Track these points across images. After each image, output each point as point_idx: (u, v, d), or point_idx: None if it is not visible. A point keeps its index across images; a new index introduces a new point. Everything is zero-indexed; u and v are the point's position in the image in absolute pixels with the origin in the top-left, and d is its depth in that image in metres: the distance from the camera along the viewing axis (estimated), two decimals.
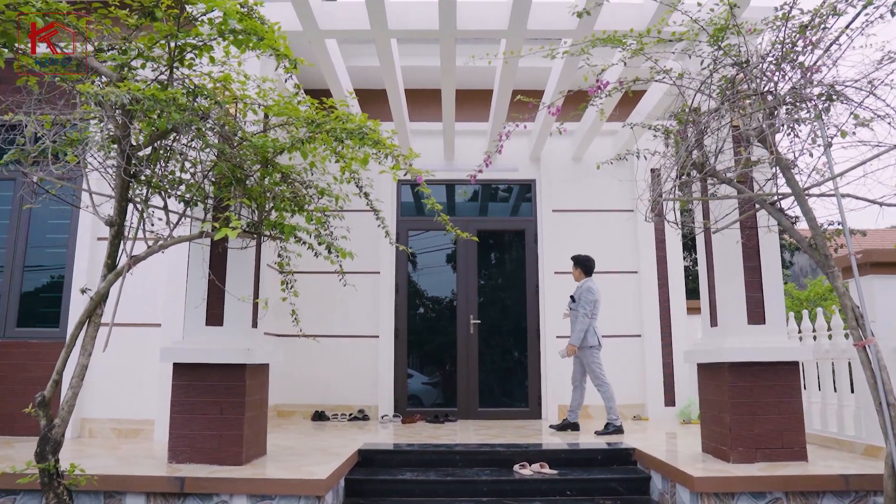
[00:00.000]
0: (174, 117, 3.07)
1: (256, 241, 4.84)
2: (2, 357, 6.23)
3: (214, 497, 3.96)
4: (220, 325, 4.76)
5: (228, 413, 4.50)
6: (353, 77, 7.57)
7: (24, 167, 3.56)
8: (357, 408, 7.69)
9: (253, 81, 4.11)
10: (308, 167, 4.24)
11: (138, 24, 3.36)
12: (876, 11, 3.17)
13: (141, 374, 5.96)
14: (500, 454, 5.14)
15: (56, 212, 6.44)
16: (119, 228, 3.68)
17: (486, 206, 8.41)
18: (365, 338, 7.89)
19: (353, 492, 4.72)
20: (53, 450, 3.33)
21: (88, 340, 3.54)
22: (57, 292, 6.48)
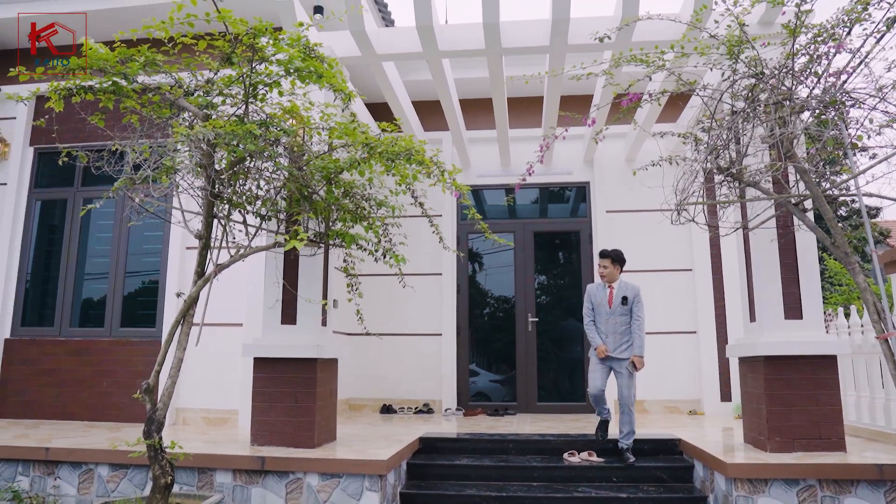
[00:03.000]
0: (250, 147, 3.61)
1: (324, 248, 5.38)
2: (108, 354, 7.05)
3: (290, 475, 4.51)
4: (294, 324, 5.33)
5: (302, 402, 5.05)
6: (412, 90, 8.05)
7: (130, 191, 4.20)
8: (422, 402, 8.18)
9: (316, 107, 4.63)
10: (367, 182, 4.73)
11: (218, 69, 3.93)
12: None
13: (226, 368, 6.61)
14: (551, 443, 5.50)
15: (151, 225, 7.21)
16: (206, 241, 4.27)
17: (543, 209, 8.73)
18: (429, 336, 8.37)
19: (415, 475, 5.19)
20: (157, 429, 3.93)
21: (183, 337, 4.13)
22: (152, 296, 7.25)
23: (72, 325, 7.32)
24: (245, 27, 3.79)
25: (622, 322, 5.28)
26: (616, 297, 5.34)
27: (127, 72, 3.65)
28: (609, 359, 5.27)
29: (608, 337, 5.28)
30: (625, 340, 5.26)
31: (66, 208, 7.57)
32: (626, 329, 5.28)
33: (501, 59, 5.68)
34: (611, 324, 5.30)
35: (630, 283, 5.38)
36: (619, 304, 5.31)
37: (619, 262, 5.42)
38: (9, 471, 4.89)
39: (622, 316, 5.29)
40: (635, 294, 5.32)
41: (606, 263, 5.40)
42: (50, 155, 7.64)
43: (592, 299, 5.43)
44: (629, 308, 5.29)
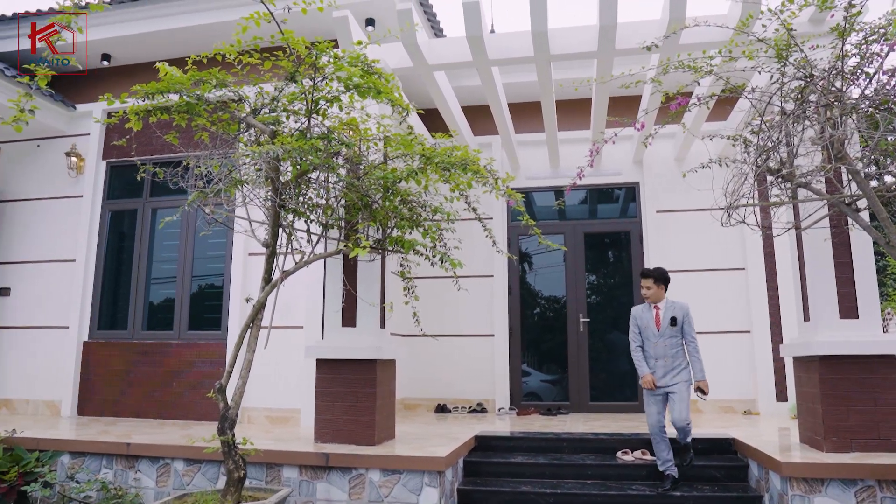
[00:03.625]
0: (314, 161, 3.83)
1: (382, 254, 5.59)
2: (178, 355, 7.44)
3: (353, 470, 4.73)
4: (354, 327, 5.56)
5: (362, 401, 5.27)
6: (461, 96, 8.21)
7: (201, 203, 4.48)
8: (476, 401, 8.34)
9: (373, 119, 4.84)
10: (422, 190, 4.91)
11: (283, 88, 4.18)
12: None
13: (288, 369, 6.89)
14: (604, 442, 5.59)
15: (215, 232, 7.57)
16: (273, 248, 4.53)
17: (593, 209, 8.78)
18: (481, 337, 8.53)
19: (471, 472, 5.36)
20: (230, 426, 4.20)
21: (252, 340, 4.39)
22: (217, 300, 7.61)
23: (143, 329, 7.75)
24: (306, 45, 4.02)
25: (672, 344, 4.91)
26: (664, 318, 4.95)
27: (200, 93, 3.92)
28: (662, 387, 4.92)
29: (658, 361, 4.92)
30: (677, 364, 4.89)
31: (135, 218, 8.01)
32: (678, 352, 4.92)
33: (550, 66, 5.80)
34: (660, 347, 4.93)
35: (678, 302, 5.01)
36: (668, 325, 4.91)
37: (662, 281, 5.02)
38: (95, 464, 5.26)
39: (672, 338, 4.91)
40: (685, 313, 4.94)
41: (649, 284, 5.01)
42: (120, 168, 8.09)
43: (639, 322, 5.06)
44: (679, 329, 4.90)
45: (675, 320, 4.92)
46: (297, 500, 4.80)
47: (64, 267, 7.98)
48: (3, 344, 8.01)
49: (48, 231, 8.15)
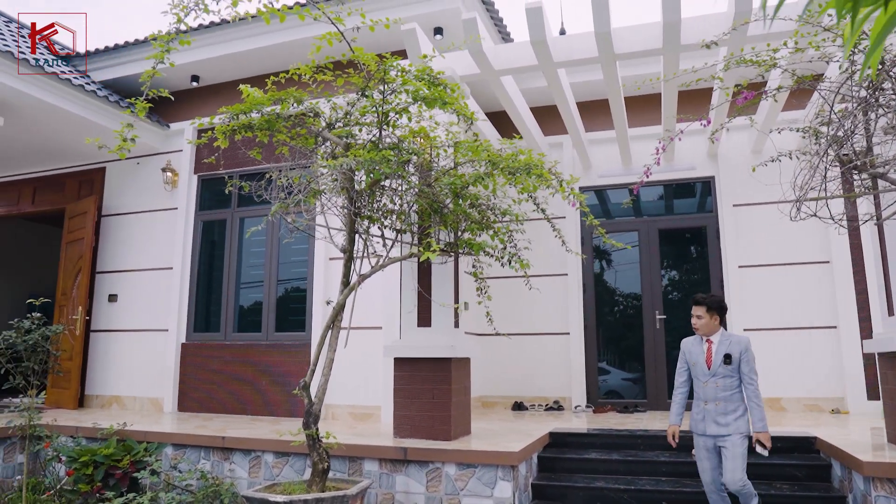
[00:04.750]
0: (385, 170, 4.06)
1: (454, 256, 5.79)
2: (265, 356, 7.90)
3: (430, 464, 4.94)
4: (429, 326, 5.77)
5: (438, 398, 5.48)
6: (530, 97, 8.30)
7: (283, 213, 4.81)
8: (552, 399, 8.41)
9: (442, 127, 5.04)
10: (491, 194, 5.06)
11: (355, 102, 4.44)
12: None
13: (369, 368, 7.19)
14: (680, 439, 5.55)
15: (298, 239, 7.97)
16: (350, 253, 4.80)
17: (667, 205, 8.67)
18: (557, 335, 8.58)
19: (545, 467, 5.47)
20: (314, 421, 4.49)
21: (333, 340, 4.67)
22: (301, 303, 8.02)
23: (234, 331, 8.26)
24: (376, 61, 4.26)
25: (725, 386, 4.14)
26: (716, 353, 4.20)
27: (279, 111, 4.23)
28: (712, 437, 4.18)
29: (708, 405, 4.20)
30: (731, 410, 4.11)
31: (225, 227, 8.55)
32: (733, 395, 4.13)
33: (615, 65, 5.82)
34: (710, 388, 4.19)
35: (736, 336, 4.26)
36: (721, 362, 4.16)
37: (717, 310, 4.26)
38: (195, 455, 5.70)
39: (725, 378, 4.15)
40: (742, 349, 4.14)
41: (700, 312, 4.27)
42: (210, 181, 8.65)
43: (688, 358, 4.39)
44: (735, 368, 4.14)
45: (729, 357, 4.14)
46: (378, 492, 5.06)
47: (163, 274, 8.61)
48: (113, 346, 8.72)
49: (148, 242, 8.81)
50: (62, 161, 9.40)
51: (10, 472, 6.22)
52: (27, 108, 7.43)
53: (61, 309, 8.94)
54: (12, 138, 8.11)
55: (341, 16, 4.17)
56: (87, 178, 9.37)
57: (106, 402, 8.59)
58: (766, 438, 4.04)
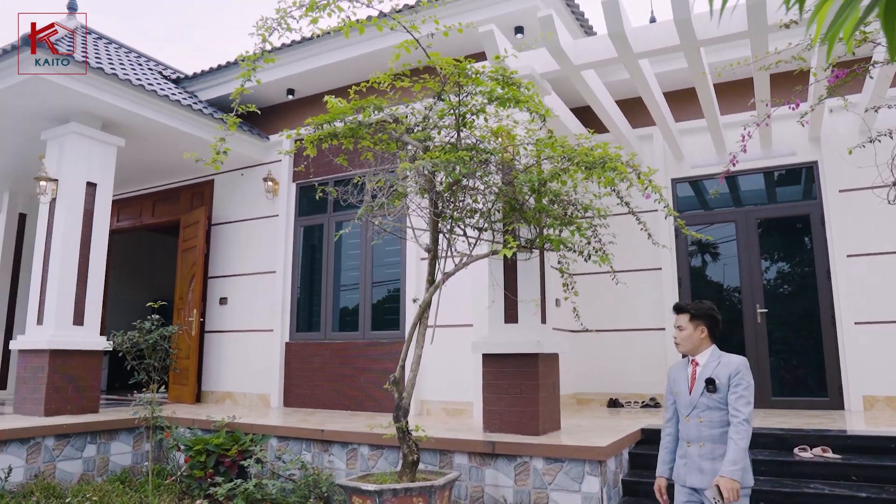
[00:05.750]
0: (463, 170, 4.19)
1: (540, 252, 5.82)
2: (363, 354, 8.22)
3: (518, 458, 5.01)
4: (516, 323, 5.84)
5: (526, 394, 5.54)
6: (616, 90, 8.17)
7: (370, 215, 5.04)
8: (649, 396, 8.24)
9: (521, 125, 5.10)
10: (572, 188, 5.07)
11: (432, 106, 4.59)
12: None
13: (461, 365, 7.34)
14: (779, 438, 5.34)
15: (390, 241, 8.25)
16: (434, 253, 4.96)
17: (766, 193, 8.27)
18: (652, 330, 8.40)
19: (637, 464, 5.40)
20: (404, 414, 4.67)
21: (420, 337, 4.85)
22: (395, 303, 8.29)
23: (333, 330, 8.65)
24: (451, 65, 4.39)
25: (712, 422, 3.15)
26: (700, 378, 3.23)
27: (361, 118, 4.45)
28: (694, 489, 3.23)
29: (691, 447, 3.23)
30: (720, 454, 3.11)
31: (322, 231, 8.97)
32: (723, 434, 3.11)
33: (699, 52, 5.66)
34: (693, 424, 3.22)
35: (728, 357, 3.22)
36: (704, 390, 3.18)
37: (702, 321, 3.29)
38: (296, 447, 6.06)
39: (711, 411, 3.15)
40: (732, 373, 3.14)
41: (682, 322, 3.33)
42: (307, 188, 9.10)
43: (672, 386, 3.44)
44: (723, 397, 3.13)
45: (713, 384, 3.14)
46: (468, 484, 5.18)
47: (267, 278, 9.15)
48: (224, 345, 9.36)
49: (253, 247, 9.39)
50: (176, 176, 10.19)
51: (139, 459, 6.84)
52: (145, 130, 8.14)
53: (179, 312, 9.69)
54: (134, 158, 8.89)
55: (416, 24, 4.33)
56: (198, 191, 10.12)
57: (220, 397, 9.23)
58: (730, 489, 2.93)
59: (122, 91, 7.46)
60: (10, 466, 5.73)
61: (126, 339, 5.96)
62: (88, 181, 7.57)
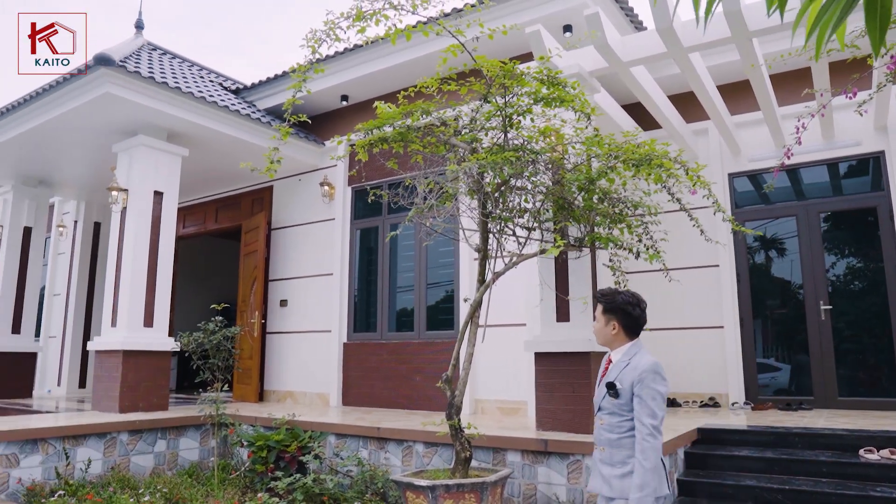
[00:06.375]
0: (510, 171, 4.24)
1: (591, 250, 5.81)
2: (419, 353, 8.35)
3: (570, 456, 5.02)
4: (568, 321, 5.85)
5: (579, 392, 5.54)
6: (668, 84, 8.04)
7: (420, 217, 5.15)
8: (707, 395, 8.08)
9: (569, 124, 5.11)
10: (622, 186, 5.05)
11: (479, 108, 4.66)
12: None
13: (516, 364, 7.37)
14: (843, 438, 5.17)
15: (444, 242, 8.36)
16: (484, 253, 5.03)
17: (830, 186, 7.99)
18: (709, 329, 8.23)
19: (693, 464, 5.34)
20: (456, 412, 4.75)
21: (472, 336, 4.92)
22: (450, 303, 8.40)
23: (389, 330, 8.82)
24: (497, 67, 4.45)
25: (611, 426, 2.90)
26: (608, 377, 2.99)
27: (410, 123, 4.56)
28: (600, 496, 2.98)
29: (595, 450, 3.04)
30: (618, 461, 2.87)
31: (377, 234, 9.16)
32: (622, 440, 2.86)
33: (752, 43, 5.54)
34: (597, 426, 3.04)
35: (638, 359, 2.89)
36: (606, 393, 2.95)
37: (614, 314, 3.01)
38: (354, 444, 6.23)
39: (611, 414, 2.91)
40: (636, 379, 2.82)
41: (597, 314, 3.10)
42: (362, 191, 9.31)
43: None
44: (626, 404, 2.85)
45: (614, 388, 2.89)
46: (521, 482, 5.23)
47: (325, 280, 9.40)
48: (285, 346, 9.66)
49: (311, 251, 9.66)
50: (237, 183, 10.58)
51: (205, 455, 7.16)
52: (207, 139, 8.49)
53: (241, 314, 10.06)
54: (197, 166, 9.28)
55: (462, 28, 4.42)
56: (258, 197, 10.47)
57: (281, 396, 9.53)
58: None
59: (185, 103, 7.82)
60: (89, 459, 6.11)
61: (192, 340, 6.26)
62: (156, 190, 7.96)
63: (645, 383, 2.78)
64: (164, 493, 5.68)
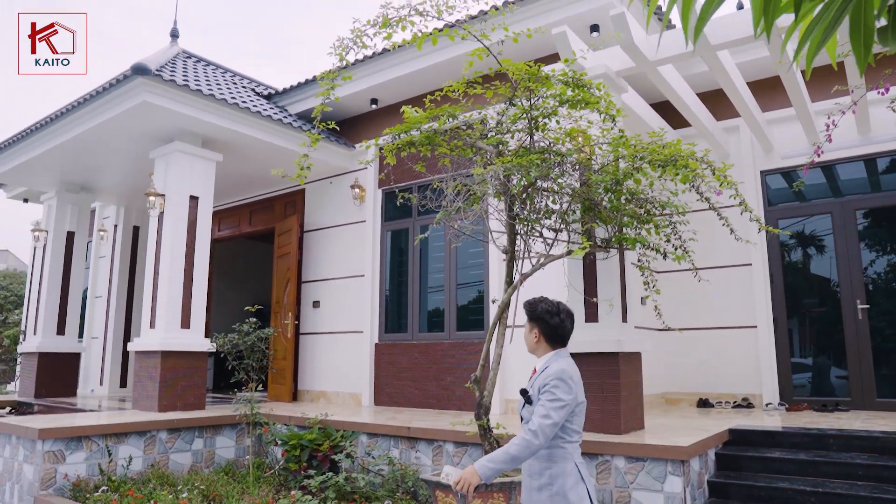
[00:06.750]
0: (535, 173, 4.27)
1: (619, 250, 5.80)
2: (449, 354, 8.42)
3: (599, 456, 5.03)
4: (596, 322, 5.85)
5: (608, 392, 5.54)
6: (697, 82, 7.97)
7: (448, 219, 5.21)
8: (741, 396, 7.98)
9: (595, 125, 5.12)
10: (648, 186, 5.04)
11: (504, 111, 4.70)
12: None
13: None
14: (880, 441, 5.08)
15: (473, 243, 8.41)
16: (511, 254, 5.06)
17: (869, 182, 7.82)
18: (742, 329, 8.13)
19: (724, 465, 5.30)
20: (485, 412, 4.80)
21: (500, 337, 4.96)
22: (479, 304, 8.44)
23: (420, 331, 8.90)
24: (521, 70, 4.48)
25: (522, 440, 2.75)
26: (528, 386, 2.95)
27: (436, 126, 4.63)
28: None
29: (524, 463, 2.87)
30: (536, 472, 2.82)
31: (408, 235, 9.25)
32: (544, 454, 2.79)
33: (780, 39, 5.47)
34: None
35: (553, 367, 2.84)
36: (523, 403, 2.92)
37: (535, 323, 2.99)
38: (385, 443, 6.32)
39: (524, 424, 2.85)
40: (542, 385, 2.80)
41: (525, 321, 3.08)
42: (392, 194, 9.41)
43: None
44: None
45: (526, 394, 2.89)
46: None
47: (356, 281, 9.52)
48: (318, 347, 9.82)
49: (342, 252, 9.79)
50: (270, 186, 10.78)
51: (241, 453, 7.33)
52: (241, 144, 8.69)
53: (275, 315, 10.25)
54: (231, 171, 9.50)
55: (487, 31, 4.46)
56: (290, 200, 10.66)
57: (315, 396, 9.69)
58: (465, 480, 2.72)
59: (218, 110, 8.01)
60: (130, 456, 6.31)
61: (227, 341, 6.42)
62: (191, 195, 8.17)
63: (548, 388, 2.75)
64: (201, 490, 5.84)
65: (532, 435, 2.66)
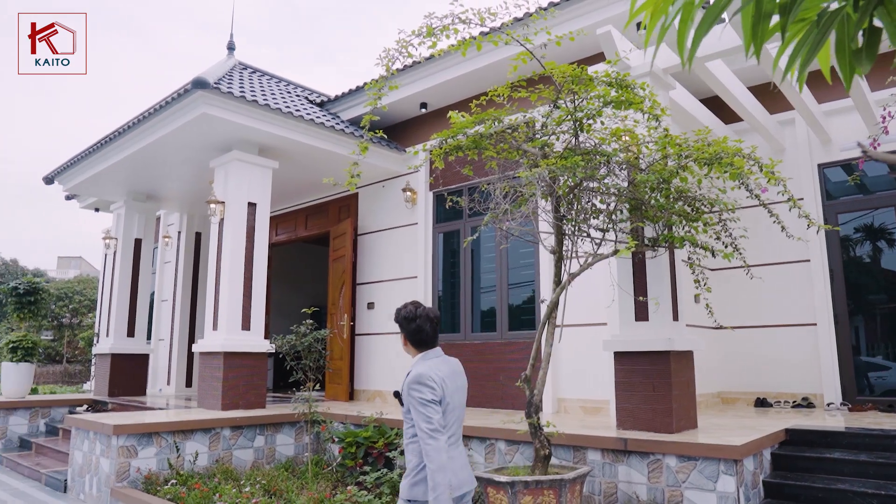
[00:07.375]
0: (580, 175, 4.33)
1: (669, 249, 5.78)
2: (501, 354, 8.49)
3: (650, 455, 5.03)
4: (647, 321, 5.84)
5: (659, 391, 5.52)
6: (749, 76, 7.82)
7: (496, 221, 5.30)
8: (800, 395, 7.79)
9: (642, 124, 5.12)
10: (697, 184, 5.02)
11: (549, 114, 4.76)
12: None
13: (598, 364, 7.37)
14: None
15: (524, 244, 8.47)
16: (559, 255, 5.12)
17: None
18: (801, 326, 7.94)
19: (780, 466, 5.22)
20: (535, 411, 4.87)
21: (549, 336, 5.02)
22: (531, 304, 8.48)
23: (472, 331, 9.01)
24: (564, 73, 4.54)
25: (405, 433, 3.02)
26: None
27: (483, 130, 4.73)
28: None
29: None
30: (409, 470, 2.95)
31: (459, 237, 9.37)
32: (411, 445, 2.96)
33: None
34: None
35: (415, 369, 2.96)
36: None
37: (400, 328, 3.12)
38: None
39: (405, 424, 3.01)
40: (403, 391, 2.97)
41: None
42: (443, 196, 9.55)
43: None
44: (406, 411, 2.95)
45: (398, 396, 3.07)
46: (601, 480, 5.28)
47: (410, 283, 9.70)
48: (373, 347, 10.03)
49: (395, 255, 9.99)
50: (325, 191, 11.08)
51: (300, 450, 7.59)
52: (295, 151, 8.98)
53: (331, 317, 10.53)
54: (287, 177, 9.82)
55: (530, 36, 4.54)
56: (344, 204, 10.93)
57: (370, 395, 9.91)
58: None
59: (274, 119, 8.30)
60: (196, 452, 6.63)
61: (285, 342, 6.66)
62: (249, 201, 8.50)
63: (410, 393, 2.88)
64: (262, 485, 6.10)
65: (431, 439, 2.76)
